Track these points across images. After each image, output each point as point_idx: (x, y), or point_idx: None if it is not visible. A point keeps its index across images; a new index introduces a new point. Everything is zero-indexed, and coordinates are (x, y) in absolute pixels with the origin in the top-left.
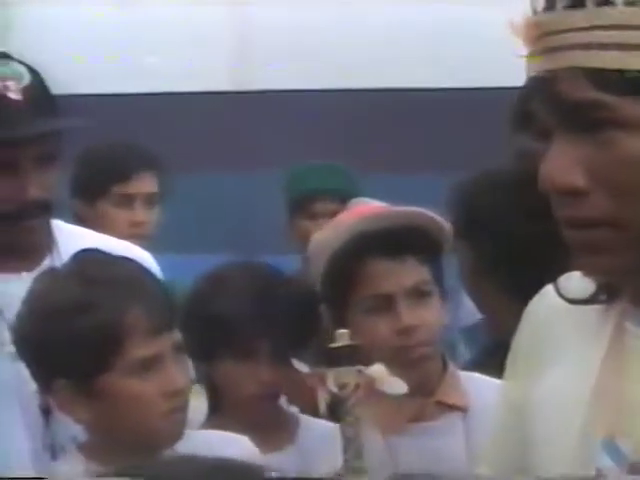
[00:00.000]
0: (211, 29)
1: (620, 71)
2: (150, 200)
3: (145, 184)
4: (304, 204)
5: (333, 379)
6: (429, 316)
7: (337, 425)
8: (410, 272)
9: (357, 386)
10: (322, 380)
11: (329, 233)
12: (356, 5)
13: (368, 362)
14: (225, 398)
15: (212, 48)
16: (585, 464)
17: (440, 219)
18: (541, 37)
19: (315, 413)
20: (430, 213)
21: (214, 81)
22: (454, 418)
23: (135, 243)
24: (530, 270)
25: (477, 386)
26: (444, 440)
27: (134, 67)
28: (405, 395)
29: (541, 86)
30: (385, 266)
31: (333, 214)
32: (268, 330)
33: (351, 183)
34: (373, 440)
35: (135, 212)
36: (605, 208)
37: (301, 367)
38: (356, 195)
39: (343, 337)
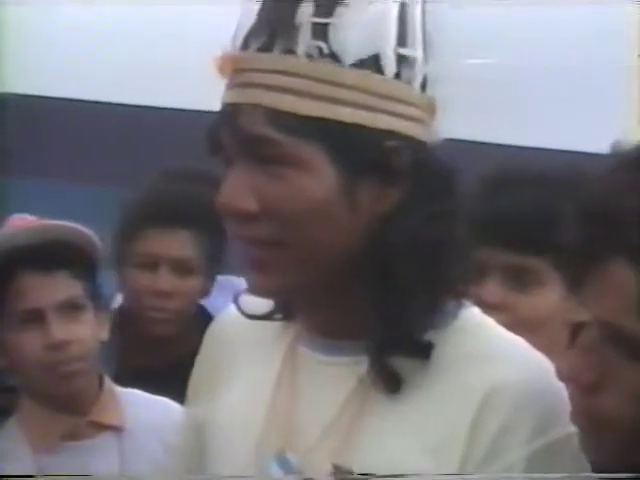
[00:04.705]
0: None
1: (293, 114)
2: None
3: None
4: None
5: None
6: (82, 331)
7: None
8: (61, 287)
9: None
10: None
11: None
12: None
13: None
14: None
15: None
16: (260, 477)
17: (92, 234)
18: (234, 72)
19: None
20: (81, 228)
21: None
22: (108, 437)
23: None
24: None
25: (137, 403)
26: (97, 459)
27: None
28: (58, 413)
29: (227, 117)
30: (35, 280)
31: None
32: None
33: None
34: (23, 458)
35: None
36: (272, 231)
37: None
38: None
39: None
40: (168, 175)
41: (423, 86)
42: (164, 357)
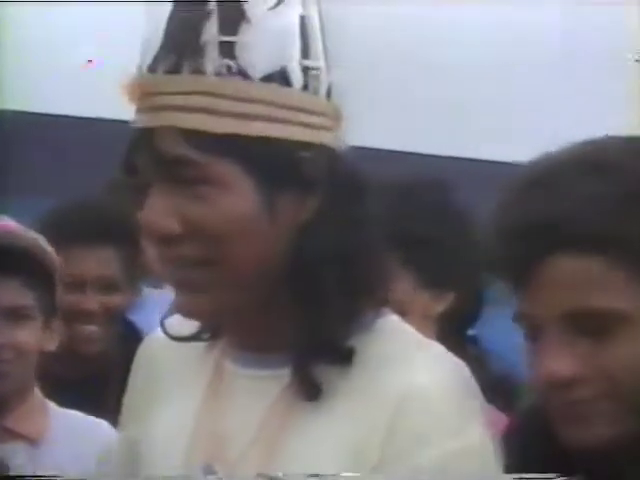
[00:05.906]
0: None
1: (206, 133)
2: None
3: None
4: None
5: None
6: (20, 338)
7: None
8: (10, 294)
9: None
10: None
11: None
12: None
13: None
14: None
15: None
16: None
17: (50, 248)
18: (145, 96)
19: None
20: (42, 240)
21: None
22: (19, 447)
23: None
24: None
25: (62, 418)
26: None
27: None
28: None
29: (142, 140)
30: None
31: None
32: None
33: None
34: None
35: None
36: (196, 251)
37: None
38: None
39: None
40: (115, 187)
41: (328, 94)
42: (89, 372)
